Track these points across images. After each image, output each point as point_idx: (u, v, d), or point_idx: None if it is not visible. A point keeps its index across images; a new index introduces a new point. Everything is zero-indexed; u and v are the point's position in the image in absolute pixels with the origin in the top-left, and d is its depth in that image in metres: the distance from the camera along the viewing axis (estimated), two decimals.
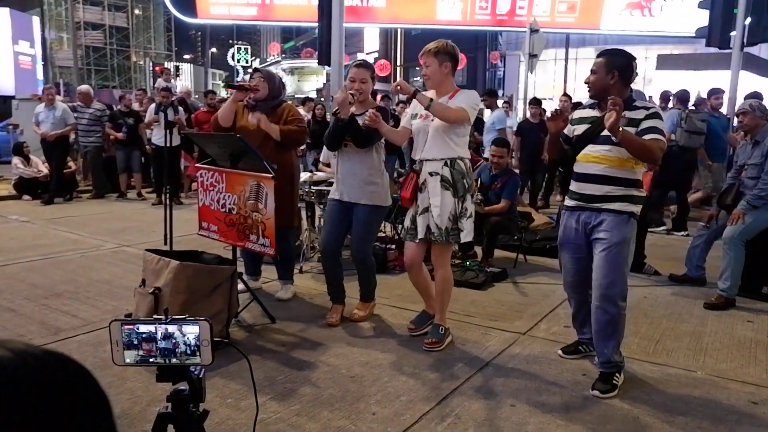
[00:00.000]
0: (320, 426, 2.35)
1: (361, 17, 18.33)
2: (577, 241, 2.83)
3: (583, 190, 2.75)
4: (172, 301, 2.91)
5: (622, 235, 2.66)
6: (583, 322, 3.00)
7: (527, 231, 5.49)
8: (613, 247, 2.65)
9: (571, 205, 2.84)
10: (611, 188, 2.67)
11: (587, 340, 3.01)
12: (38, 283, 4.17)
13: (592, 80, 2.74)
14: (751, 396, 2.69)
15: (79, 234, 5.86)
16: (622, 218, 2.66)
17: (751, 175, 4.05)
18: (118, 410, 2.42)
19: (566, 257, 2.93)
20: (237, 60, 32.60)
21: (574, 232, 2.82)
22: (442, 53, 3.05)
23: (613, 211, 2.67)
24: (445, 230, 3.06)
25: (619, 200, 2.67)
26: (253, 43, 43.67)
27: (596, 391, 2.66)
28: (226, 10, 18.49)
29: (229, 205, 3.41)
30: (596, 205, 2.71)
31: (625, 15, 16.81)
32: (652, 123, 2.63)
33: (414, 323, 3.38)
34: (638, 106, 2.68)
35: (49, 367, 0.48)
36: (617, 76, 2.68)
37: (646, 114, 2.64)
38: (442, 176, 3.04)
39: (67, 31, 26.14)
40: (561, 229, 2.93)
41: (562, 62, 22.97)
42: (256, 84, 3.65)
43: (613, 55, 2.75)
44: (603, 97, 2.70)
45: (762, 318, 3.79)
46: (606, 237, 2.66)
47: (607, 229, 2.66)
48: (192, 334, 1.15)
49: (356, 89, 3.30)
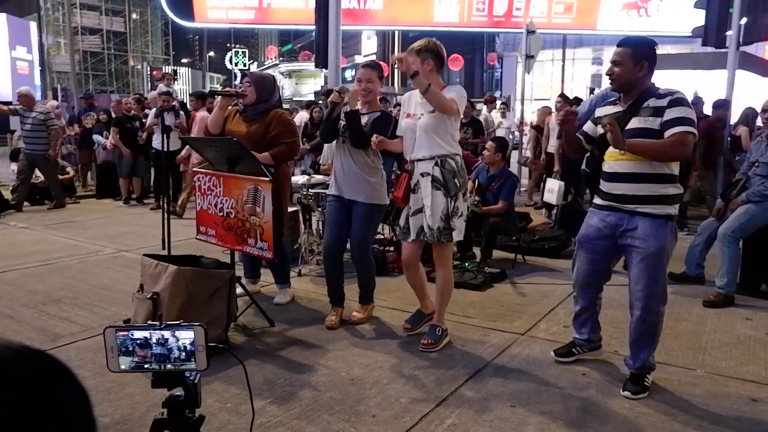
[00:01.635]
0: (320, 429, 2.34)
1: (359, 20, 18.35)
2: (598, 242, 2.72)
3: (614, 190, 2.60)
4: (170, 306, 2.91)
5: (660, 242, 2.50)
6: (584, 323, 2.97)
7: (526, 231, 5.49)
8: (652, 257, 2.51)
9: (601, 204, 2.70)
10: (644, 186, 2.51)
11: (582, 341, 2.99)
12: (37, 289, 4.17)
13: (617, 72, 2.55)
14: (751, 393, 2.69)
15: (78, 239, 5.85)
16: (659, 223, 2.50)
17: (759, 172, 4.05)
18: (117, 416, 2.42)
19: (583, 257, 2.81)
20: (235, 64, 32.64)
21: (597, 232, 2.71)
22: (425, 51, 3.06)
23: (648, 215, 2.51)
24: (437, 230, 3.06)
25: (654, 201, 2.51)
26: (250, 47, 43.72)
27: (627, 392, 2.62)
28: (224, 14, 18.51)
29: (227, 209, 3.41)
30: (629, 207, 2.55)
31: (622, 15, 16.83)
32: (676, 113, 2.43)
33: (409, 322, 3.39)
34: (662, 94, 2.50)
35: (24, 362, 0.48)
36: (646, 68, 2.52)
37: (669, 100, 2.46)
38: (433, 176, 3.05)
39: (64, 36, 26.14)
40: (584, 226, 2.80)
41: (559, 63, 23.01)
42: (243, 89, 3.64)
43: (640, 44, 2.56)
44: (629, 90, 2.56)
45: (761, 315, 3.79)
46: (643, 246, 2.51)
47: (643, 236, 2.51)
48: (187, 339, 1.14)
49: (363, 89, 3.32)
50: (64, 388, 0.49)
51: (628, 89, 2.58)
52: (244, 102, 3.65)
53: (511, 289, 4.39)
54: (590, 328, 2.97)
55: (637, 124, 2.52)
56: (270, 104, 3.71)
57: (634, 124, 2.53)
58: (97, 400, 2.55)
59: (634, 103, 2.57)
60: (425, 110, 3.06)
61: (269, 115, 3.66)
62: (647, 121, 2.50)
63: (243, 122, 3.68)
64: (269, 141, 3.61)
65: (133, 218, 7.17)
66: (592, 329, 2.97)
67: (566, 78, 22.67)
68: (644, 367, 2.69)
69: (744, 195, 4.09)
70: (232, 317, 3.24)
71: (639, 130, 2.51)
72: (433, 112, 3.03)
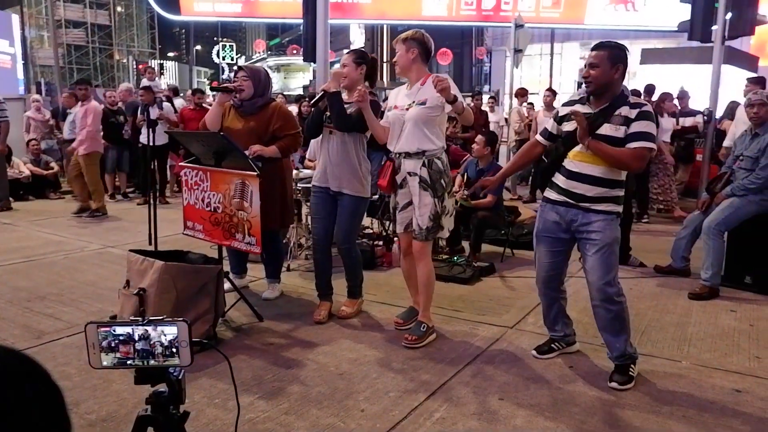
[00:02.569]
0: (309, 424, 2.34)
1: (347, 13, 18.26)
2: (557, 235, 2.83)
3: (573, 188, 2.71)
4: (157, 302, 2.89)
5: (614, 235, 2.69)
6: (555, 320, 3.02)
7: (514, 225, 5.52)
8: (606, 248, 2.67)
9: (556, 200, 2.80)
10: (602, 190, 2.66)
11: (559, 337, 3.03)
12: (21, 286, 4.11)
13: (594, 75, 2.60)
14: (735, 384, 2.73)
15: (63, 235, 5.78)
16: (611, 218, 2.68)
17: (744, 166, 4.09)
18: (103, 413, 2.40)
19: (543, 250, 2.92)
20: (222, 57, 32.35)
21: (555, 225, 2.82)
22: (410, 40, 3.09)
23: (603, 212, 2.67)
24: (426, 229, 3.10)
25: (608, 201, 2.68)
26: (238, 41, 43.35)
27: (614, 383, 2.67)
28: (210, 7, 18.33)
29: (214, 204, 3.38)
30: (585, 205, 2.69)
31: (609, 10, 16.93)
32: (641, 127, 2.55)
33: (401, 317, 3.39)
34: (632, 103, 2.59)
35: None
36: (621, 70, 2.60)
37: (638, 112, 2.56)
38: (421, 177, 3.05)
39: (47, 30, 25.72)
40: (540, 221, 2.90)
41: (547, 57, 23.06)
42: (240, 84, 3.60)
43: (615, 48, 2.64)
44: (604, 93, 2.63)
45: (745, 307, 3.85)
46: (598, 238, 2.67)
47: (598, 230, 2.67)
48: (170, 335, 1.13)
49: (345, 73, 3.31)
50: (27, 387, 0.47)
51: (603, 91, 2.64)
52: (240, 96, 3.60)
53: (499, 282, 4.41)
54: (563, 323, 3.02)
55: (608, 131, 2.59)
56: (267, 98, 3.69)
57: (605, 130, 2.60)
58: (83, 397, 2.52)
59: (607, 108, 2.63)
60: (414, 101, 3.05)
61: (269, 109, 3.63)
62: (618, 130, 2.58)
63: (241, 118, 3.65)
64: (272, 135, 3.60)
65: (120, 213, 7.10)
66: (564, 324, 3.03)
67: (554, 72, 22.74)
68: (624, 356, 2.73)
69: (729, 188, 4.13)
70: (220, 313, 3.22)
71: (607, 138, 2.60)
72: (422, 104, 3.02)
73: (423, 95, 3.04)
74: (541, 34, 19.60)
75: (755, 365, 2.96)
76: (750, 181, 4.00)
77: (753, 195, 4.01)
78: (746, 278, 4.24)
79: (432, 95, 2.99)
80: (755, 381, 2.77)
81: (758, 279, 4.18)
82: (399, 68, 3.17)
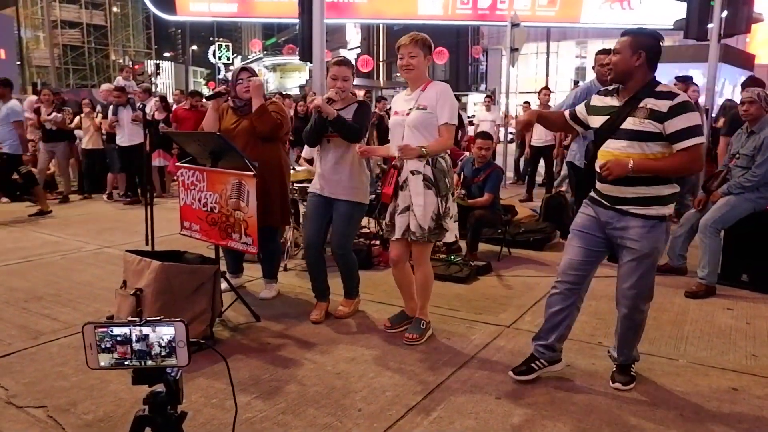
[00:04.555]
0: (306, 423, 2.34)
1: (343, 13, 18.26)
2: (592, 231, 2.57)
3: (606, 190, 2.49)
4: (153, 302, 2.88)
5: (653, 243, 2.43)
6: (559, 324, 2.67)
7: (511, 224, 5.53)
8: (644, 257, 2.45)
9: (596, 199, 2.59)
10: (636, 189, 2.41)
11: (544, 349, 2.70)
12: (18, 287, 4.10)
13: (614, 61, 2.46)
14: (731, 382, 2.74)
15: (60, 236, 5.77)
16: (651, 224, 2.42)
17: (740, 164, 4.09)
18: (101, 413, 2.40)
19: (574, 248, 2.61)
20: (218, 57, 32.33)
21: (591, 221, 2.58)
22: (427, 45, 3.04)
23: (642, 216, 2.42)
24: (428, 230, 3.02)
25: (647, 202, 2.41)
26: (234, 40, 43.29)
27: (618, 383, 2.64)
28: (206, 7, 18.31)
29: (211, 204, 3.38)
30: (622, 207, 2.45)
31: (605, 8, 16.98)
32: (681, 122, 2.29)
33: (391, 321, 3.36)
34: (661, 93, 2.37)
35: None
36: (644, 58, 2.41)
37: (670, 106, 2.31)
38: (425, 175, 3.01)
39: (43, 30, 25.63)
40: (578, 216, 2.66)
41: (543, 56, 23.12)
42: (247, 87, 3.63)
43: (640, 34, 2.47)
44: (625, 81, 2.47)
45: (741, 305, 3.86)
46: (635, 247, 2.44)
47: (635, 237, 2.43)
48: (167, 335, 1.13)
49: (339, 87, 3.27)
50: None
51: (626, 79, 2.48)
52: (244, 97, 3.65)
53: (496, 281, 4.41)
54: (560, 333, 2.69)
55: (632, 125, 2.40)
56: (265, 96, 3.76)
57: (628, 124, 2.40)
58: (80, 397, 2.52)
59: (631, 100, 2.44)
60: (414, 106, 3.03)
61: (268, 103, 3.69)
62: (642, 124, 2.37)
63: (239, 118, 3.68)
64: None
65: (116, 214, 7.08)
66: (561, 335, 2.70)
67: (551, 71, 22.79)
68: (630, 359, 2.72)
69: (725, 186, 4.14)
70: (217, 313, 3.22)
71: (633, 132, 2.39)
72: (423, 109, 3.00)
73: (423, 101, 3.02)
74: (537, 32, 19.64)
75: (752, 363, 2.97)
76: (746, 179, 4.01)
77: (749, 193, 4.03)
78: (743, 276, 4.25)
79: (432, 103, 2.99)
80: (752, 379, 2.77)
81: (755, 277, 4.19)
82: (415, 73, 3.03)
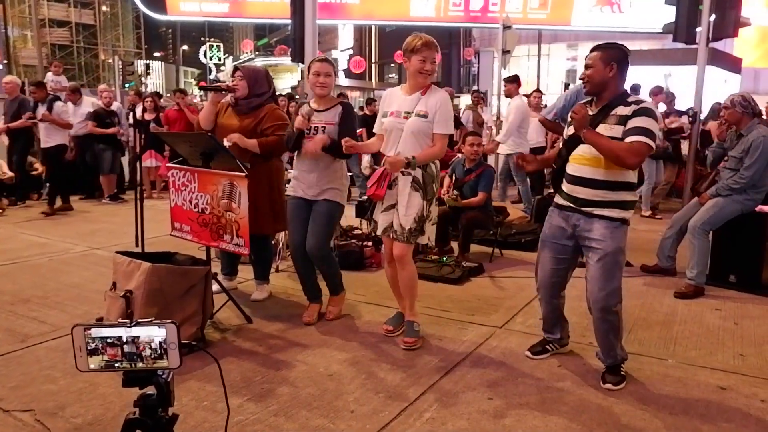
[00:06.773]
0: (298, 426, 2.33)
1: (335, 14, 18.25)
2: (562, 242, 2.78)
3: (574, 192, 2.69)
4: (144, 304, 2.86)
5: (616, 243, 2.61)
6: (555, 324, 3.01)
7: (503, 225, 5.54)
8: (609, 257, 2.60)
9: (562, 204, 2.77)
10: (601, 192, 2.61)
11: (555, 339, 3.03)
12: (5, 289, 4.05)
13: (589, 74, 2.64)
14: (720, 382, 2.76)
15: (47, 237, 5.71)
16: (615, 225, 2.61)
17: (729, 166, 4.15)
18: (90, 417, 2.37)
19: (547, 256, 2.86)
20: (209, 58, 32.18)
21: (561, 231, 2.77)
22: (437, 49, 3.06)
23: (605, 218, 2.61)
24: (408, 231, 3.04)
25: (611, 206, 2.61)
26: (225, 41, 43.09)
27: (609, 384, 2.67)
28: (197, 7, 18.23)
29: (202, 205, 3.36)
30: (587, 209, 2.64)
31: (596, 11, 17.12)
32: (638, 122, 2.50)
33: (390, 324, 3.35)
34: (630, 102, 2.59)
35: None
36: (616, 69, 2.60)
37: (634, 110, 2.54)
38: (414, 177, 3.02)
39: (31, 29, 25.38)
40: (547, 226, 2.85)
41: (534, 58, 23.24)
42: (236, 83, 3.60)
43: (609, 48, 2.66)
44: (600, 93, 2.65)
45: (729, 306, 3.90)
46: (600, 246, 2.61)
47: (600, 237, 2.61)
48: (158, 337, 1.12)
49: (320, 83, 3.31)
50: None
51: (600, 90, 2.65)
52: (236, 95, 3.61)
53: (488, 282, 4.42)
54: (560, 327, 3.02)
55: (603, 131, 2.57)
56: (264, 99, 3.66)
57: (600, 130, 2.58)
58: (69, 401, 2.49)
59: (604, 109, 2.64)
60: (414, 111, 3.01)
61: (263, 110, 3.62)
62: (612, 130, 2.55)
63: (235, 116, 3.65)
64: (260, 135, 3.58)
65: (105, 215, 7.02)
66: (561, 328, 3.02)
67: (542, 73, 22.92)
68: (618, 360, 2.75)
69: (713, 188, 4.19)
70: (209, 314, 3.20)
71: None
72: (423, 117, 2.99)
73: (423, 107, 3.00)
74: (528, 35, 19.74)
75: (740, 363, 3.00)
76: (734, 180, 4.05)
77: (737, 195, 4.07)
78: (731, 277, 4.30)
79: (431, 111, 2.99)
80: (739, 378, 2.80)
81: (742, 278, 4.24)
82: (430, 78, 3.04)
